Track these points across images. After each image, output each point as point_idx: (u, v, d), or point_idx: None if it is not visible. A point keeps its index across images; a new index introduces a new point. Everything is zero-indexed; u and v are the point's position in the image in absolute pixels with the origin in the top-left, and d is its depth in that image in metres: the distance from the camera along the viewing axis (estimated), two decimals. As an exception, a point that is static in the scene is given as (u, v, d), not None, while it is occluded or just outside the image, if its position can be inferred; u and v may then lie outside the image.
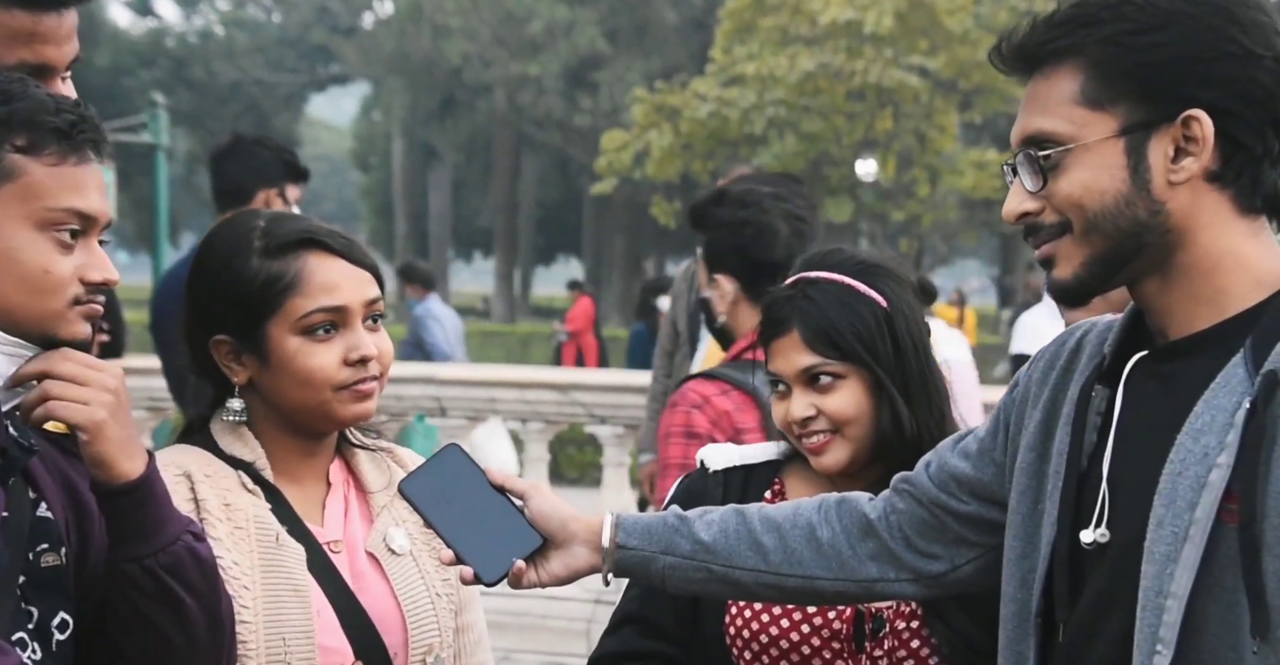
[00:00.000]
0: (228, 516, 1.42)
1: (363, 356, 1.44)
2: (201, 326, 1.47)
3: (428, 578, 1.50)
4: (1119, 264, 1.21)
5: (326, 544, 1.47)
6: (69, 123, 1.21)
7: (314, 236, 1.46)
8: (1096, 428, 1.23)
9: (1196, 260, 1.20)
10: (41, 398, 1.20)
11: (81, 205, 1.21)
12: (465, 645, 1.52)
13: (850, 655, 1.57)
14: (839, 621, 1.57)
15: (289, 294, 1.43)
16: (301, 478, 1.49)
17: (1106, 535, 1.20)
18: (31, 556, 1.22)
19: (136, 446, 1.24)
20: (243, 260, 1.44)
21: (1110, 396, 1.23)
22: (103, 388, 1.21)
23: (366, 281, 1.47)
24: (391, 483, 1.52)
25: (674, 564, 1.39)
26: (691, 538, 1.40)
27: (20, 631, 1.20)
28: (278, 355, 1.43)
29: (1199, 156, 1.17)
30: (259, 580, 1.40)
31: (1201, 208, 1.19)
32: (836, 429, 1.60)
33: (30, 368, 1.21)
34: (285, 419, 1.47)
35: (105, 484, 1.23)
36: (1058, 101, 1.21)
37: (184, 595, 1.24)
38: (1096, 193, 1.20)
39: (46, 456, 1.26)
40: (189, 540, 1.26)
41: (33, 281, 1.19)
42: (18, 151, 1.19)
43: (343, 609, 1.43)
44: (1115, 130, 1.19)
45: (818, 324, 1.60)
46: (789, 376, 1.61)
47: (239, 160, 3.43)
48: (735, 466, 1.68)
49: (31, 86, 1.22)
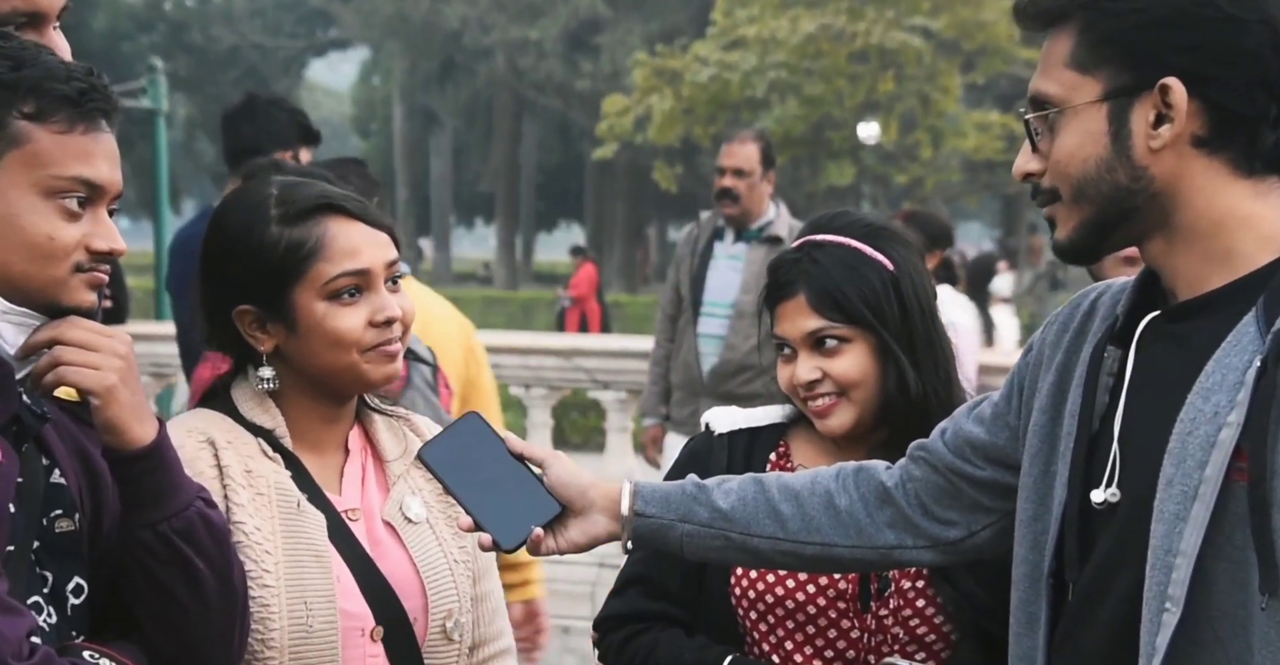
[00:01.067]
0: (249, 483, 1.43)
1: (388, 318, 1.45)
2: (222, 298, 1.47)
3: (445, 545, 1.51)
4: (1109, 227, 1.22)
5: (344, 512, 1.48)
6: (79, 90, 1.20)
7: (332, 201, 1.46)
8: (1109, 388, 1.23)
9: (1195, 221, 1.19)
10: (52, 364, 1.20)
11: (89, 174, 1.20)
12: (483, 614, 1.54)
13: (856, 615, 1.58)
14: (844, 582, 1.58)
15: (312, 260, 1.43)
16: (321, 446, 1.50)
17: (1117, 495, 1.20)
18: (46, 522, 1.23)
19: (147, 412, 1.24)
20: (261, 229, 1.44)
21: (1122, 357, 1.23)
22: (113, 353, 1.21)
23: (385, 243, 1.48)
24: (408, 451, 1.54)
25: (692, 532, 1.40)
26: (710, 506, 1.41)
27: (36, 595, 1.21)
28: (305, 321, 1.44)
29: (1175, 123, 1.17)
30: (281, 545, 1.41)
31: (1191, 173, 1.19)
32: (842, 392, 1.60)
33: (40, 336, 1.21)
34: (312, 385, 1.48)
35: (117, 450, 1.23)
36: (1054, 64, 1.22)
37: (196, 559, 1.25)
38: (1079, 158, 1.20)
39: (59, 424, 1.27)
40: (200, 506, 1.27)
41: (37, 248, 1.19)
42: (25, 118, 1.18)
43: (362, 575, 1.44)
44: (1099, 95, 1.19)
45: (824, 287, 1.59)
46: (795, 340, 1.62)
47: (255, 121, 3.40)
48: (740, 429, 1.69)
49: (44, 53, 1.22)
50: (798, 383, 1.61)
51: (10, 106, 1.18)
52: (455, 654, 1.50)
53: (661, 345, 4.47)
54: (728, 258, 4.31)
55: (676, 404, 4.35)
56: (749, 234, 4.27)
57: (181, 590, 1.25)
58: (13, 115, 1.18)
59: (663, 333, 4.47)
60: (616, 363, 5.05)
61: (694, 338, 4.28)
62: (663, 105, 17.11)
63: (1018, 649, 1.30)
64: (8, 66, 1.18)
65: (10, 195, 1.18)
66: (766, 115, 16.62)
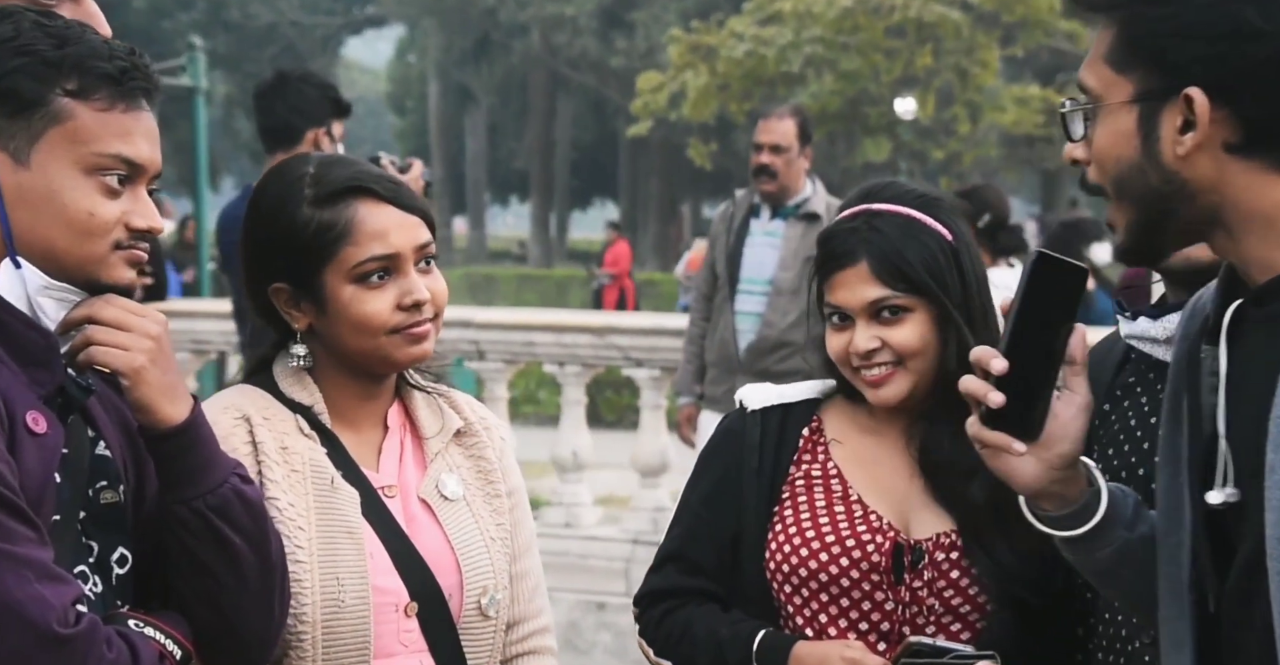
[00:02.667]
0: (284, 459, 1.44)
1: (416, 301, 1.45)
2: (260, 274, 1.48)
3: (481, 522, 1.51)
4: (1157, 227, 1.21)
5: (381, 489, 1.49)
6: (120, 69, 1.21)
7: (363, 183, 1.46)
8: (1213, 388, 1.20)
9: (1249, 216, 1.17)
10: (85, 342, 1.22)
11: (129, 152, 1.21)
12: (522, 591, 1.54)
13: (889, 587, 1.57)
14: (878, 554, 1.57)
15: (341, 243, 1.43)
16: (359, 422, 1.51)
17: (1236, 494, 1.16)
18: (91, 493, 1.25)
19: (180, 391, 1.25)
20: (294, 209, 1.45)
21: (1217, 354, 1.20)
22: (144, 334, 1.22)
23: (416, 226, 1.47)
24: (445, 428, 1.54)
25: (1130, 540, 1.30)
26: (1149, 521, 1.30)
27: (81, 564, 1.23)
28: (333, 303, 1.44)
29: (1198, 132, 1.15)
30: (314, 521, 1.42)
31: (1232, 175, 1.17)
32: (900, 361, 1.58)
33: (76, 313, 1.22)
34: (345, 363, 1.49)
35: (150, 428, 1.25)
36: (1096, 56, 1.21)
37: (233, 536, 1.26)
38: (1113, 157, 1.20)
39: (104, 397, 1.29)
40: (236, 482, 1.28)
41: (77, 224, 1.20)
42: (68, 95, 1.19)
43: (396, 551, 1.45)
44: (1130, 96, 1.18)
45: (887, 255, 1.57)
46: (854, 308, 1.59)
47: (286, 100, 3.40)
48: (773, 405, 1.68)
49: (87, 32, 1.22)
50: (855, 351, 1.59)
51: (53, 83, 1.19)
52: (492, 631, 1.50)
53: (697, 323, 4.46)
54: (764, 235, 4.29)
55: (711, 382, 4.34)
56: (786, 211, 4.25)
57: (218, 565, 1.27)
58: (55, 92, 1.19)
59: (698, 311, 4.46)
60: (650, 340, 5.05)
61: (731, 315, 4.26)
62: (697, 81, 17.01)
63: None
64: (51, 44, 1.19)
65: (51, 171, 1.19)
66: (802, 91, 16.49)
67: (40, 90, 1.18)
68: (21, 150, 1.19)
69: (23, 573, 1.11)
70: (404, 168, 3.62)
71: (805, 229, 4.21)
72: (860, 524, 1.59)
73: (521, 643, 1.55)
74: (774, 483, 1.63)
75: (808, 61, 16.57)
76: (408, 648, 1.45)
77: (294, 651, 1.39)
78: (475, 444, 1.55)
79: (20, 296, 1.20)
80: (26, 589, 1.10)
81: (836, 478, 1.62)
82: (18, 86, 1.18)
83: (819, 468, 1.63)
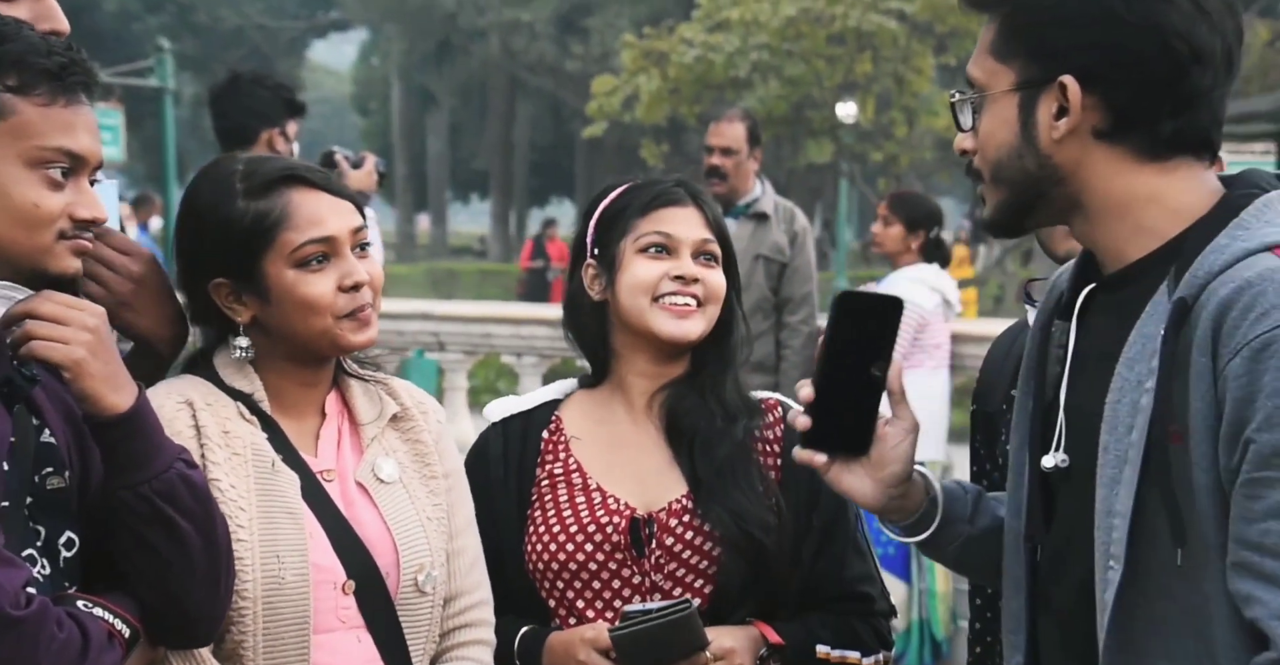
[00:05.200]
0: (226, 443, 1.42)
1: (356, 282, 1.44)
2: (197, 272, 1.46)
3: (417, 503, 1.51)
4: (1026, 208, 1.25)
5: (320, 472, 1.48)
6: (60, 65, 1.19)
7: (294, 172, 1.45)
8: (1060, 360, 1.25)
9: (1104, 202, 1.21)
10: (25, 337, 1.20)
11: (71, 145, 1.19)
12: (459, 567, 1.54)
13: (634, 562, 1.59)
14: (616, 533, 1.59)
15: (279, 229, 1.42)
16: (298, 409, 1.50)
17: (1066, 460, 1.21)
18: (37, 479, 1.23)
19: (122, 380, 1.23)
20: (228, 204, 1.43)
21: (1068, 329, 1.25)
22: (82, 327, 1.21)
23: (349, 211, 1.47)
24: (383, 414, 1.53)
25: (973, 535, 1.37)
26: (991, 514, 1.37)
27: (29, 548, 1.21)
28: (277, 290, 1.43)
29: (1071, 117, 1.19)
30: (254, 503, 1.41)
31: (1094, 161, 1.20)
32: (701, 304, 1.62)
33: (15, 309, 1.20)
34: (289, 351, 1.47)
35: (94, 417, 1.23)
36: (981, 50, 1.25)
37: (179, 519, 1.25)
38: (995, 142, 1.23)
39: (49, 386, 1.27)
40: (181, 467, 1.27)
41: (23, 215, 1.18)
42: (9, 91, 1.17)
43: (334, 532, 1.44)
44: (1011, 85, 1.21)
45: (712, 209, 1.69)
46: (683, 241, 1.63)
47: (239, 101, 3.36)
48: (513, 415, 1.69)
49: (25, 29, 1.20)
50: (684, 275, 1.62)
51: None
52: (429, 606, 1.49)
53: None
54: (714, 233, 4.29)
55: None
56: (736, 210, 4.25)
57: (165, 547, 1.25)
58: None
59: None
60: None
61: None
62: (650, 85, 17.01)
63: (1007, 609, 1.31)
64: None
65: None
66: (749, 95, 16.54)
67: None
68: None
69: None
70: (357, 162, 3.57)
71: (755, 227, 4.22)
72: (599, 509, 1.61)
73: (459, 616, 1.54)
74: (522, 488, 1.64)
75: (754, 67, 16.65)
76: (345, 624, 1.44)
77: (235, 627, 1.38)
78: (412, 428, 1.55)
79: None
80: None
81: (576, 471, 1.64)
82: None
83: (560, 466, 1.65)
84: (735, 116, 4.35)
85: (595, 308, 1.65)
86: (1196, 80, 1.17)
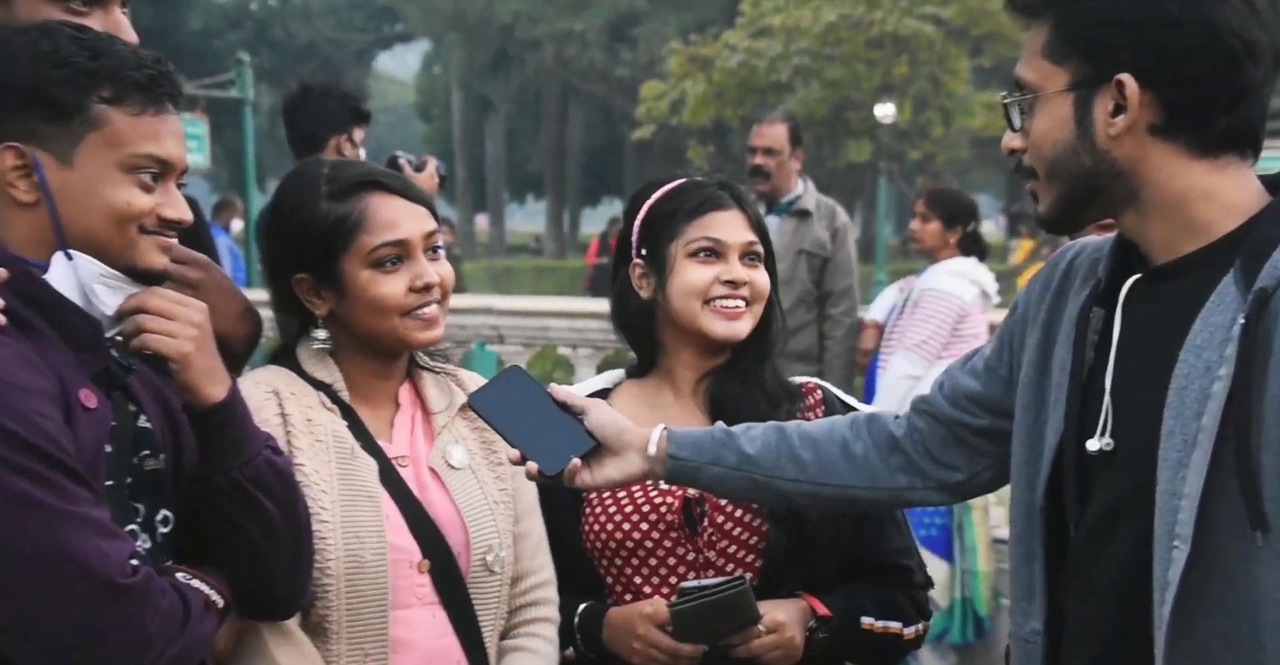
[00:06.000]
0: (309, 430, 1.44)
1: (426, 284, 1.46)
2: (283, 267, 1.49)
3: (485, 488, 1.52)
4: (1082, 203, 1.24)
5: (395, 459, 1.49)
6: (149, 77, 1.21)
7: (374, 178, 1.47)
8: (1094, 345, 1.24)
9: (1161, 197, 1.20)
10: (136, 330, 1.23)
11: (159, 152, 1.22)
12: (525, 549, 1.55)
13: (687, 540, 1.59)
14: (670, 513, 1.60)
15: (357, 232, 1.45)
16: (375, 399, 1.52)
17: (1111, 444, 1.21)
18: (136, 461, 1.26)
19: (220, 373, 1.26)
20: (312, 205, 1.46)
21: (1106, 317, 1.24)
22: (189, 322, 1.23)
23: (423, 216, 1.48)
24: (452, 404, 1.55)
25: (721, 474, 1.43)
26: (737, 451, 1.42)
27: (131, 524, 1.24)
28: (352, 288, 1.45)
29: (1129, 114, 1.18)
30: (336, 486, 1.43)
31: (1150, 156, 1.19)
32: (748, 302, 1.63)
33: (128, 304, 1.23)
34: (362, 345, 1.49)
35: (193, 407, 1.26)
36: (1033, 52, 1.23)
37: (265, 501, 1.27)
38: (1050, 141, 1.22)
39: (143, 374, 1.29)
40: (268, 454, 1.29)
41: (118, 214, 1.21)
42: (104, 102, 1.20)
43: (410, 514, 1.46)
44: (1066, 85, 1.20)
45: (754, 210, 1.68)
46: (731, 245, 1.63)
47: (309, 111, 3.42)
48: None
49: (118, 43, 1.23)
50: (731, 280, 1.63)
51: (90, 92, 1.19)
52: (497, 584, 1.51)
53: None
54: (760, 229, 4.28)
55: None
56: (779, 208, 4.23)
57: (252, 528, 1.28)
58: (92, 100, 1.19)
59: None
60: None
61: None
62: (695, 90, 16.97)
63: (1018, 578, 1.30)
64: (87, 56, 1.19)
65: (93, 170, 1.20)
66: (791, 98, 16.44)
67: (79, 98, 1.19)
68: (65, 153, 1.19)
69: (85, 530, 1.12)
70: (420, 166, 3.61)
71: (797, 224, 4.20)
72: (653, 490, 1.61)
73: (526, 595, 1.55)
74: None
75: (796, 71, 16.53)
76: (421, 600, 1.46)
77: (320, 602, 1.40)
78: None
79: (72, 286, 1.21)
80: (89, 544, 1.11)
81: None
82: (59, 95, 1.18)
83: None
84: (777, 118, 4.33)
85: (643, 305, 1.67)
86: (1249, 76, 1.16)
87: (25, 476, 1.10)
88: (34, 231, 1.19)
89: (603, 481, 1.42)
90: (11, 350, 1.13)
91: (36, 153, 1.18)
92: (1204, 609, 1.12)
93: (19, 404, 1.10)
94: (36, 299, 1.18)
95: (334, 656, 1.40)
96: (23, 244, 1.20)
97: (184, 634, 1.16)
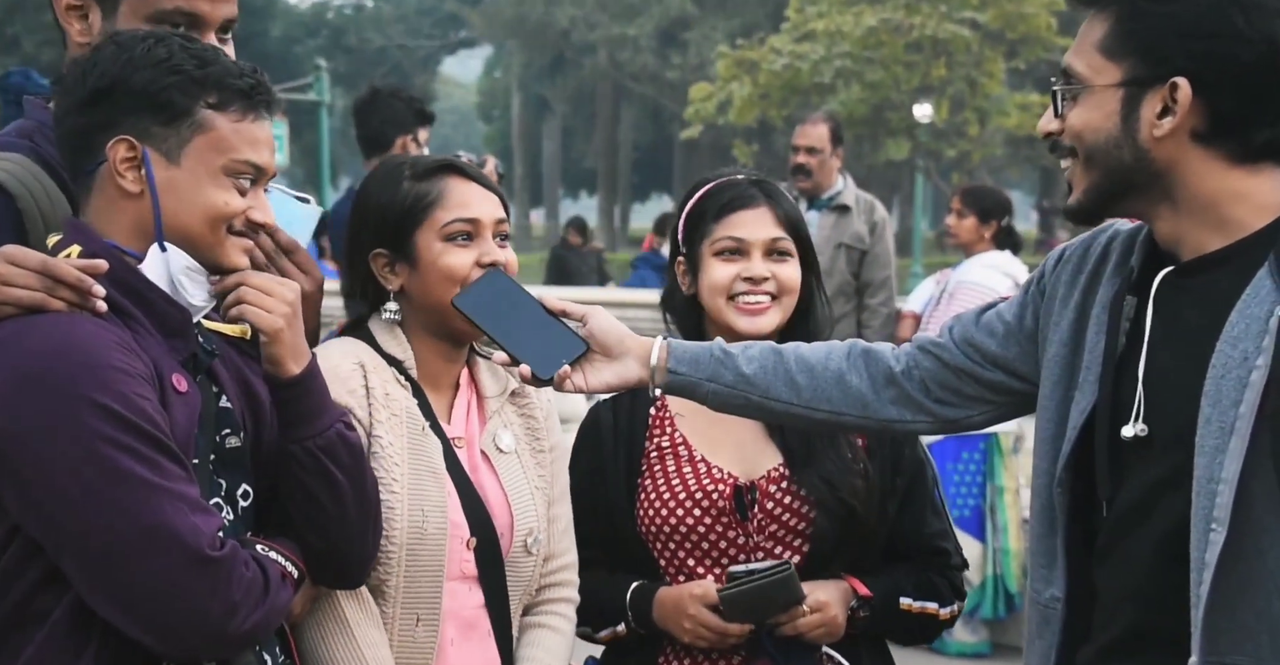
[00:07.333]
0: (387, 404, 1.45)
1: (493, 261, 1.47)
2: (362, 244, 1.50)
3: (529, 473, 1.52)
4: (1114, 196, 1.21)
5: (452, 439, 1.50)
6: (250, 85, 1.23)
7: (453, 164, 1.51)
8: (1125, 332, 1.22)
9: (1193, 198, 1.18)
10: (237, 300, 1.25)
11: (257, 159, 1.24)
12: (555, 533, 1.54)
13: (738, 525, 1.58)
14: (721, 499, 1.58)
15: (433, 207, 1.47)
16: (438, 380, 1.52)
17: (1145, 430, 1.19)
18: (218, 439, 1.27)
19: (303, 349, 1.28)
20: (395, 185, 1.49)
21: (1138, 306, 1.22)
22: (283, 300, 1.26)
23: (495, 202, 1.51)
24: (505, 390, 1.55)
25: (717, 390, 1.39)
26: (735, 370, 1.39)
27: (215, 498, 1.26)
28: (424, 258, 1.46)
29: (1177, 117, 1.16)
30: (406, 461, 1.43)
31: (1189, 160, 1.17)
32: (776, 296, 1.61)
33: (231, 278, 1.25)
34: (432, 323, 1.49)
35: (274, 378, 1.28)
36: (1087, 44, 1.21)
37: (336, 471, 1.28)
38: (1093, 129, 1.20)
39: (225, 357, 1.31)
40: (341, 428, 1.30)
41: (215, 214, 1.22)
42: (209, 107, 1.22)
43: (464, 494, 1.46)
44: (1118, 80, 1.18)
45: (783, 205, 1.64)
46: (754, 242, 1.61)
47: (378, 112, 3.46)
48: (621, 394, 1.64)
49: (222, 54, 1.25)
50: (751, 276, 1.60)
51: (198, 97, 1.21)
52: (532, 564, 1.52)
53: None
54: (802, 224, 4.25)
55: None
56: (820, 203, 4.21)
57: (324, 496, 1.28)
58: (200, 105, 1.21)
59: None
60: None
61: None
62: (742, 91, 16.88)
63: (1039, 546, 1.29)
64: (195, 64, 1.21)
65: (198, 171, 1.22)
66: (833, 99, 16.28)
67: (188, 103, 1.20)
68: (173, 152, 1.21)
69: (179, 505, 1.13)
70: (480, 164, 3.64)
71: (837, 218, 4.18)
72: (705, 478, 1.60)
73: (552, 575, 1.56)
74: (631, 458, 1.63)
75: (838, 73, 16.38)
76: (464, 574, 1.47)
77: (382, 567, 1.41)
78: (527, 404, 1.57)
79: (163, 276, 1.22)
80: (183, 518, 1.13)
81: (683, 444, 1.63)
82: (171, 99, 1.20)
83: (668, 439, 1.64)
84: (819, 119, 4.33)
85: (687, 299, 1.67)
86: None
87: (127, 453, 1.11)
88: (134, 222, 1.21)
89: (598, 384, 1.38)
90: (112, 335, 1.15)
91: (147, 149, 1.20)
92: (1240, 588, 1.11)
93: (121, 385, 1.12)
94: (133, 288, 1.20)
95: (388, 619, 1.41)
96: (121, 233, 1.22)
97: (265, 603, 1.18)
